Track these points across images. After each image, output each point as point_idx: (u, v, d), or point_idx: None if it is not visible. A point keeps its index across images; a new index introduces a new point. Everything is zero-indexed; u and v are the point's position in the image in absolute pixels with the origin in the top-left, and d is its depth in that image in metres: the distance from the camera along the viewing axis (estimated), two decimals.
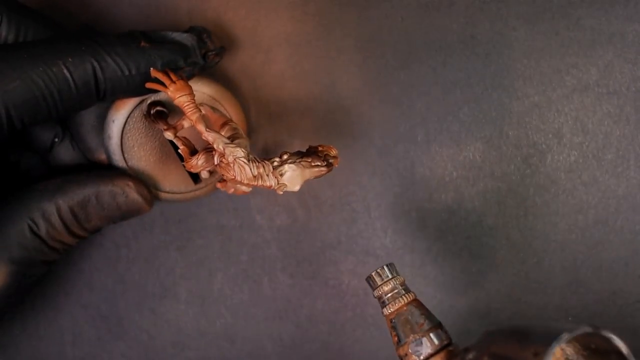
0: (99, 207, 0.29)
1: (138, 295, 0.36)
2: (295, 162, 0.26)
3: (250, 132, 0.33)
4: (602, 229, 0.32)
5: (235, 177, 0.26)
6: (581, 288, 0.33)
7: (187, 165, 0.29)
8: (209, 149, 0.28)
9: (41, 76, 0.24)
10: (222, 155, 0.26)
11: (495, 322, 0.33)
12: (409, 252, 0.33)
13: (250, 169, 0.25)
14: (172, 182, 0.32)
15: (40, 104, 0.24)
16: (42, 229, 0.28)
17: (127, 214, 0.30)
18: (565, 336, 0.19)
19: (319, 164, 0.27)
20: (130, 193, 0.29)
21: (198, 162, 0.28)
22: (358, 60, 0.32)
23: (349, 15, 0.32)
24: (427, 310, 0.26)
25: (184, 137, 0.29)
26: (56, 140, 0.30)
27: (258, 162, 0.26)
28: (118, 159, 0.30)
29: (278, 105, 0.33)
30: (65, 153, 0.31)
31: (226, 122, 0.29)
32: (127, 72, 0.26)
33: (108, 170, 0.30)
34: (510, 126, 0.32)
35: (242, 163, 0.25)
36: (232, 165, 0.26)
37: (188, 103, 0.26)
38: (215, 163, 0.27)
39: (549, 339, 0.19)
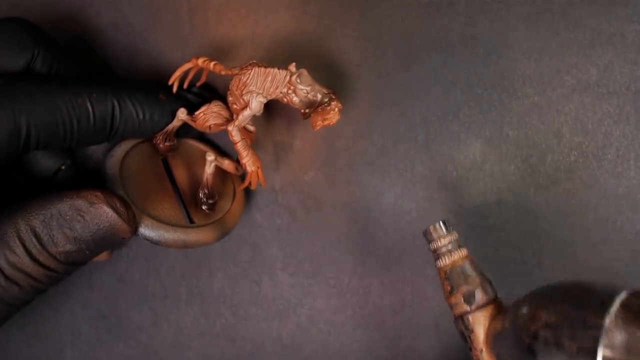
0: (64, 225, 0.25)
1: (138, 294, 0.36)
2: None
3: (251, 134, 0.33)
4: (602, 228, 0.32)
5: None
6: None
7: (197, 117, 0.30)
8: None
9: (66, 104, 0.25)
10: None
11: None
12: (409, 252, 0.33)
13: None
14: (162, 211, 0.29)
15: (59, 129, 0.26)
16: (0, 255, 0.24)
17: (100, 232, 0.25)
18: (626, 291, 0.19)
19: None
20: (98, 204, 0.25)
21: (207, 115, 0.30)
22: (358, 60, 0.32)
23: (349, 15, 0.32)
24: (479, 266, 0.27)
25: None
26: (62, 168, 0.31)
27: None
28: (114, 185, 0.29)
29: (278, 105, 0.33)
30: (67, 182, 0.31)
31: None
32: (141, 117, 0.28)
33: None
34: (510, 126, 0.32)
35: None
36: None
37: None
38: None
39: (610, 293, 0.19)
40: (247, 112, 0.28)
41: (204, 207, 0.32)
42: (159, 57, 0.34)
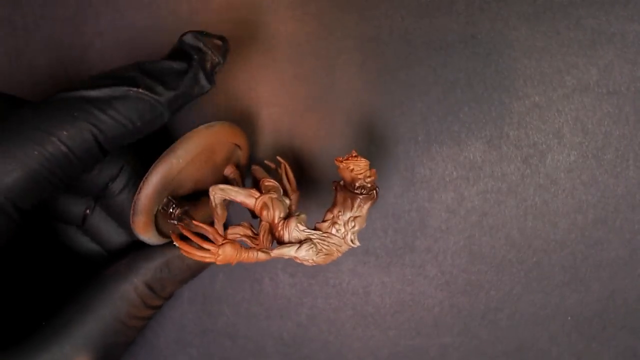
0: (171, 274, 0.29)
1: None
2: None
3: (250, 133, 0.33)
4: (602, 228, 0.32)
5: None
6: (581, 287, 0.33)
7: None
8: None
9: (38, 160, 0.22)
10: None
11: (495, 321, 0.34)
12: (409, 252, 0.33)
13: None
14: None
15: (43, 186, 0.22)
16: (123, 311, 0.27)
17: (197, 271, 0.30)
18: None
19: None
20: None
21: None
22: (358, 60, 0.32)
23: (350, 15, 0.32)
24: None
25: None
26: (87, 212, 0.29)
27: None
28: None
29: (278, 105, 0.33)
30: (99, 221, 0.30)
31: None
32: (130, 126, 0.23)
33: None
34: (510, 126, 0.32)
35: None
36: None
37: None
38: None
39: None
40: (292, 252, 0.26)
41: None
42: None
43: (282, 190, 0.28)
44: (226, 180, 0.31)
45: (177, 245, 0.25)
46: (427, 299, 0.34)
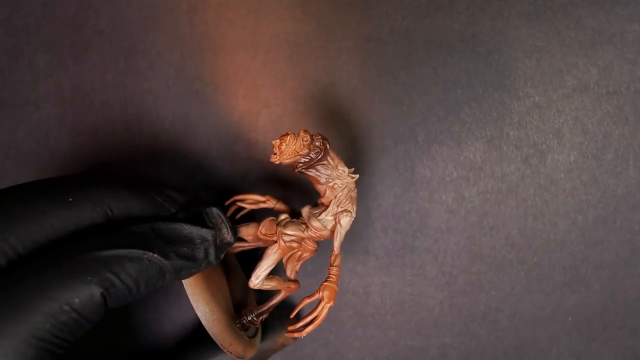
0: None
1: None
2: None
3: (251, 134, 0.33)
4: (602, 228, 0.32)
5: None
6: (581, 287, 0.33)
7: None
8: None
9: (51, 331, 0.20)
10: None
11: (495, 321, 0.34)
12: (409, 252, 0.33)
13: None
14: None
15: (56, 354, 0.21)
16: None
17: None
18: None
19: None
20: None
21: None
22: (358, 60, 0.32)
23: (350, 15, 0.32)
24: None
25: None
26: None
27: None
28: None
29: (278, 105, 0.33)
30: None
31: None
32: (135, 291, 0.23)
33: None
34: (511, 126, 0.32)
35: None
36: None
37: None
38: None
39: None
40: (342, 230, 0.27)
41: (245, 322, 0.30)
42: (157, 58, 0.34)
43: (276, 218, 0.28)
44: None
45: (297, 336, 0.26)
46: (427, 299, 0.34)
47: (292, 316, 0.27)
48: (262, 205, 0.30)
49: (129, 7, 0.34)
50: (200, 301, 0.26)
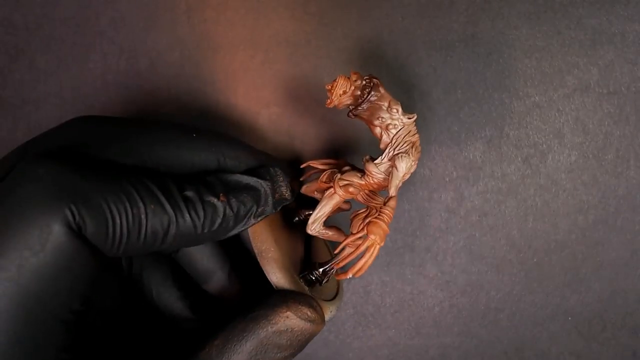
0: (270, 352, 0.25)
1: None
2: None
3: (251, 134, 0.33)
4: (602, 228, 0.32)
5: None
6: (581, 288, 0.33)
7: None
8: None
9: (118, 206, 0.22)
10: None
11: (495, 321, 0.34)
12: (409, 251, 0.33)
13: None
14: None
15: (108, 235, 0.22)
16: None
17: (302, 342, 0.25)
18: None
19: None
20: (294, 326, 0.25)
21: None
22: (358, 60, 0.32)
23: (350, 15, 0.32)
24: None
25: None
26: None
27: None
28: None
29: (278, 105, 0.33)
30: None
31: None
32: (199, 231, 0.24)
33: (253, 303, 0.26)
34: (511, 126, 0.32)
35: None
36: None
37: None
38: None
39: None
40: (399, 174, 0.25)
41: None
42: (157, 58, 0.34)
43: (338, 170, 0.28)
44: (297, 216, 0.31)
45: (352, 275, 0.25)
46: (427, 298, 0.34)
47: (336, 252, 0.27)
48: (334, 166, 0.29)
49: (129, 7, 0.34)
50: (257, 240, 0.27)
